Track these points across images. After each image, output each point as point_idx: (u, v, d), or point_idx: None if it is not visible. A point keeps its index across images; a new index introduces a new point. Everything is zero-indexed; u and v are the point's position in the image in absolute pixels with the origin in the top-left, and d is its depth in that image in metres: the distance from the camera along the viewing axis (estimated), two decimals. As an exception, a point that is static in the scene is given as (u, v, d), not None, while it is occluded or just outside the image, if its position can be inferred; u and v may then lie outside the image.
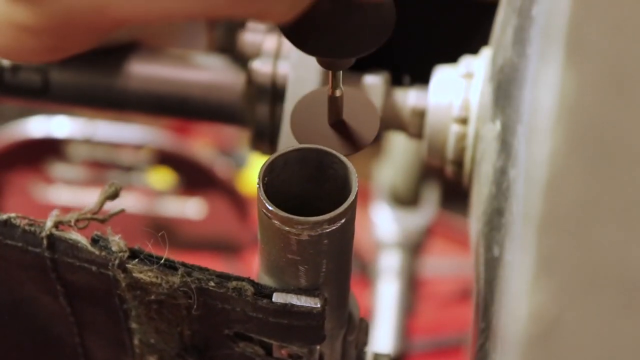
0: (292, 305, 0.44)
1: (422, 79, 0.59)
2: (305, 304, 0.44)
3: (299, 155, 0.44)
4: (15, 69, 0.59)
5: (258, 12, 0.44)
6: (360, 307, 0.50)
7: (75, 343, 0.51)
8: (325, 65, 0.45)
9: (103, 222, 0.46)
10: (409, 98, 0.59)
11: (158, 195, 1.18)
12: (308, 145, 0.44)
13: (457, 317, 1.20)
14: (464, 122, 0.57)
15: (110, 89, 0.59)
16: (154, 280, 0.44)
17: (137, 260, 0.44)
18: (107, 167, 1.16)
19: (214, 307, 0.45)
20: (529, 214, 0.37)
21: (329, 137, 0.46)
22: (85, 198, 1.15)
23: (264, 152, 0.61)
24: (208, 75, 0.60)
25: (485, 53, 0.57)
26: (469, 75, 0.57)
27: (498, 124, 0.50)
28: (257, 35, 0.60)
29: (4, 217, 0.45)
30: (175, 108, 0.60)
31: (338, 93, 0.46)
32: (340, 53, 0.44)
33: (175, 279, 0.44)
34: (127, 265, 0.44)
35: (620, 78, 0.35)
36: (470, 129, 0.56)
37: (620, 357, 0.37)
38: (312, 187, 0.45)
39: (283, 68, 0.59)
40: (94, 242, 0.44)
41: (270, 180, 0.43)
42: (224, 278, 0.44)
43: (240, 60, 0.60)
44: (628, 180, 0.36)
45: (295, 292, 0.44)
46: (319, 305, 0.44)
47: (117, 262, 0.44)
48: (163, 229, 1.23)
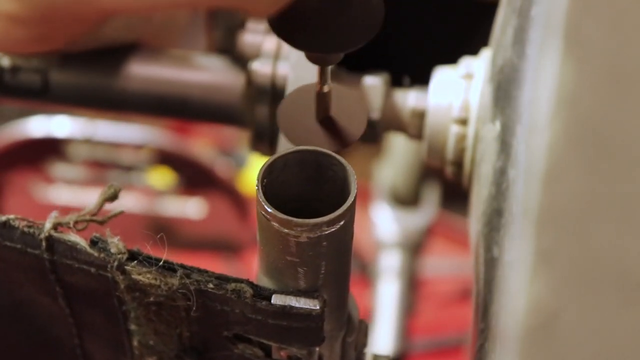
0: (291, 307, 0.43)
1: (422, 80, 0.59)
2: (305, 306, 0.44)
3: (298, 157, 0.44)
4: (15, 70, 0.59)
5: (242, 4, 0.44)
6: (361, 307, 0.50)
7: (74, 344, 0.51)
8: (314, 60, 0.45)
9: (102, 223, 0.46)
10: (409, 99, 0.59)
11: (158, 195, 1.18)
12: (307, 147, 0.44)
13: (457, 317, 1.20)
14: (464, 122, 0.57)
15: (110, 90, 0.59)
16: (153, 282, 0.44)
17: (136, 262, 0.44)
18: (107, 166, 1.16)
19: (213, 308, 0.45)
20: (527, 209, 0.37)
21: (317, 132, 0.46)
22: (86, 198, 1.15)
23: (264, 152, 0.61)
24: (208, 76, 0.60)
25: (485, 54, 0.57)
26: (469, 76, 0.57)
27: (498, 125, 0.50)
28: (256, 36, 0.60)
29: (3, 218, 0.45)
30: (175, 109, 0.60)
31: (326, 89, 0.46)
32: (329, 48, 0.44)
33: (174, 281, 0.44)
34: (126, 267, 0.44)
35: (618, 72, 0.35)
36: (470, 130, 0.56)
37: (618, 350, 0.37)
38: (311, 188, 0.45)
39: (283, 69, 0.59)
40: (93, 243, 0.44)
41: (270, 182, 0.43)
42: (223, 280, 0.44)
43: (240, 61, 0.60)
44: (626, 174, 0.36)
45: (295, 293, 0.44)
46: (318, 307, 0.43)
47: (116, 263, 0.44)
48: (163, 229, 1.23)
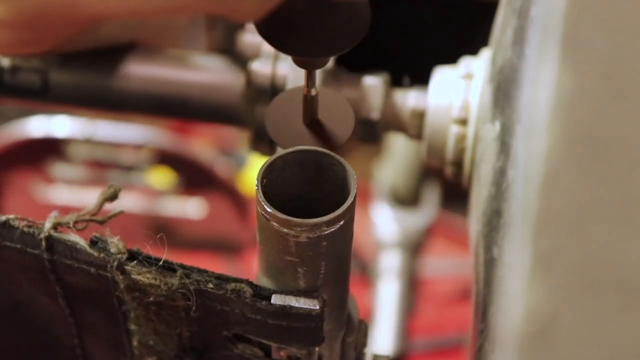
0: (290, 307, 0.43)
1: (421, 80, 0.59)
2: (304, 306, 0.44)
3: (298, 157, 0.44)
4: (15, 70, 0.59)
5: (227, 9, 0.44)
6: (361, 307, 0.50)
7: (74, 344, 0.51)
8: (301, 65, 0.45)
9: (102, 223, 0.46)
10: (409, 99, 0.59)
11: (158, 195, 1.18)
12: (307, 147, 0.44)
13: (457, 317, 1.20)
14: (464, 123, 0.56)
15: (110, 90, 0.59)
16: (153, 282, 0.44)
17: (135, 262, 0.44)
18: (107, 166, 1.16)
19: (213, 308, 0.45)
20: (526, 212, 0.37)
21: (304, 136, 0.46)
22: (86, 198, 1.15)
23: (264, 153, 0.61)
24: (207, 76, 0.60)
25: (485, 54, 0.57)
26: (469, 76, 0.57)
27: (497, 125, 0.50)
28: (256, 36, 0.60)
29: (3, 218, 0.45)
30: (175, 109, 0.60)
31: (313, 92, 0.46)
32: (315, 52, 0.44)
33: (174, 281, 0.44)
34: (125, 267, 0.44)
35: (616, 75, 0.35)
36: (470, 130, 0.56)
37: (616, 355, 0.37)
38: (311, 188, 0.45)
39: (282, 69, 0.59)
40: (93, 243, 0.44)
41: (269, 182, 0.43)
42: (223, 280, 0.44)
43: (240, 61, 0.60)
44: (624, 179, 0.36)
45: (294, 293, 0.44)
46: (318, 307, 0.43)
47: (115, 263, 0.44)
48: (163, 229, 1.23)
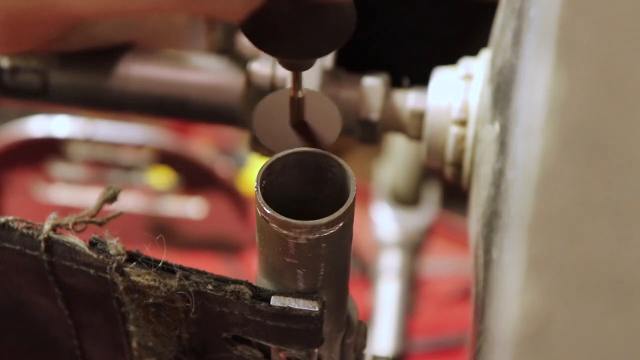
0: (290, 309, 0.43)
1: (421, 81, 0.59)
2: (304, 308, 0.44)
3: (297, 159, 0.44)
4: (14, 71, 0.59)
5: (209, 9, 0.44)
6: (361, 307, 0.50)
7: (73, 346, 0.51)
8: (287, 66, 0.45)
9: (101, 224, 0.46)
10: (408, 100, 0.59)
11: (158, 195, 1.18)
12: (306, 149, 0.44)
13: (457, 317, 1.20)
14: (463, 124, 0.56)
15: (109, 91, 0.59)
16: (152, 284, 0.44)
17: (134, 264, 0.44)
18: (107, 166, 1.16)
19: (212, 310, 0.45)
20: (522, 213, 0.37)
21: (291, 138, 0.46)
22: (86, 198, 1.15)
23: (263, 153, 0.61)
24: (207, 77, 0.59)
25: (485, 55, 0.57)
26: (468, 77, 0.57)
27: (497, 126, 0.50)
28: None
29: (2, 220, 0.45)
30: (174, 109, 0.60)
31: (300, 94, 0.46)
32: (301, 54, 0.44)
33: (173, 282, 0.44)
34: (124, 269, 0.44)
35: (611, 77, 0.35)
36: (470, 131, 0.56)
37: (611, 356, 0.37)
38: (310, 190, 0.45)
39: (282, 70, 0.58)
40: (92, 245, 0.44)
41: (269, 184, 0.43)
42: (222, 281, 0.44)
43: (239, 62, 0.60)
44: (619, 180, 0.36)
45: (294, 295, 0.44)
46: (317, 309, 0.43)
47: (114, 265, 0.44)
48: (163, 229, 1.23)
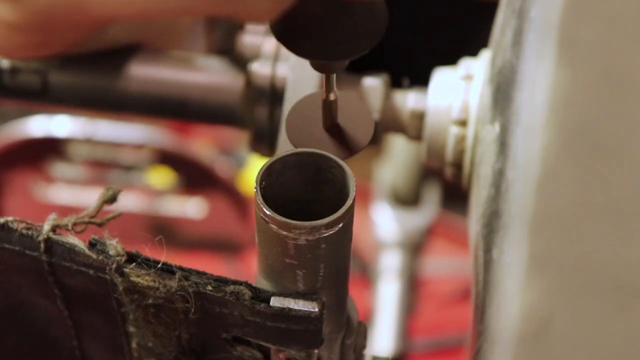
0: (289, 310, 0.43)
1: (421, 81, 0.59)
2: (303, 308, 0.43)
3: (297, 159, 0.44)
4: (14, 71, 0.59)
5: (240, 10, 0.44)
6: (361, 307, 0.50)
7: (73, 346, 0.51)
8: (319, 68, 0.45)
9: (100, 225, 0.46)
10: (409, 100, 0.59)
11: (158, 195, 1.18)
12: (306, 149, 0.44)
13: (457, 317, 1.20)
14: (463, 124, 0.56)
15: (109, 91, 0.59)
16: (152, 284, 0.44)
17: (134, 264, 0.44)
18: (107, 166, 1.16)
19: (212, 311, 0.45)
20: (522, 212, 0.37)
21: (324, 141, 0.46)
22: (86, 197, 1.15)
23: (263, 154, 0.61)
24: (207, 77, 0.59)
25: (485, 55, 0.57)
26: (469, 78, 0.57)
27: (497, 126, 0.50)
28: (256, 37, 0.60)
29: (2, 220, 0.45)
30: (175, 110, 0.60)
31: (332, 97, 0.46)
32: (333, 55, 0.44)
33: (173, 283, 0.44)
34: (124, 269, 0.44)
35: (612, 75, 0.35)
36: (470, 131, 0.56)
37: (611, 356, 0.37)
38: (310, 191, 0.45)
39: (282, 70, 0.58)
40: (92, 245, 0.44)
41: (268, 184, 0.43)
42: (222, 282, 0.44)
43: (240, 62, 0.60)
44: (620, 179, 0.35)
45: (293, 296, 0.44)
46: (317, 310, 0.43)
47: (114, 266, 0.44)
48: (163, 229, 1.23)
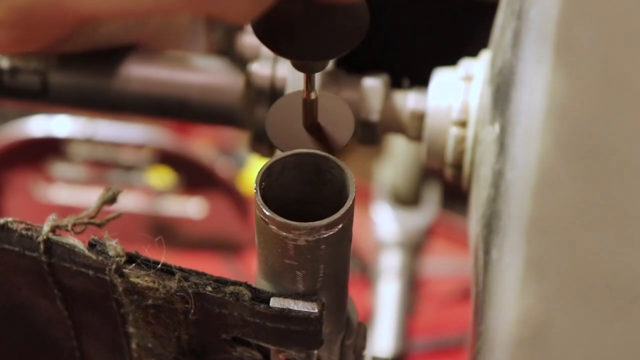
0: (289, 310, 0.43)
1: (421, 82, 0.59)
2: (303, 309, 0.43)
3: (297, 160, 0.44)
4: (14, 71, 0.59)
5: (220, 10, 0.44)
6: (361, 307, 0.50)
7: (73, 347, 0.51)
8: (300, 68, 0.45)
9: (100, 226, 0.46)
10: (408, 101, 0.59)
11: (158, 195, 1.18)
12: (305, 150, 0.44)
13: (457, 317, 1.20)
14: (463, 124, 0.56)
15: (109, 92, 0.59)
16: (151, 285, 0.44)
17: (134, 265, 0.44)
18: (107, 166, 1.16)
19: (212, 311, 0.45)
20: (519, 216, 0.37)
21: (304, 140, 0.46)
22: (86, 197, 1.16)
23: (263, 154, 0.61)
24: (207, 78, 0.59)
25: (485, 56, 0.57)
26: (469, 78, 0.57)
27: (497, 127, 0.50)
28: (256, 38, 0.60)
29: (1, 221, 0.45)
30: (174, 110, 0.60)
31: (313, 96, 0.46)
32: (313, 56, 0.44)
33: (172, 284, 0.44)
34: (124, 270, 0.44)
35: (610, 79, 0.35)
36: (470, 132, 0.56)
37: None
38: (310, 191, 0.45)
39: (282, 71, 0.58)
40: (91, 246, 0.44)
41: (268, 185, 0.43)
42: (221, 283, 0.44)
43: (239, 63, 0.60)
44: (616, 184, 0.35)
45: (293, 297, 0.44)
46: (317, 311, 0.43)
47: (114, 266, 0.44)
48: (163, 229, 1.23)
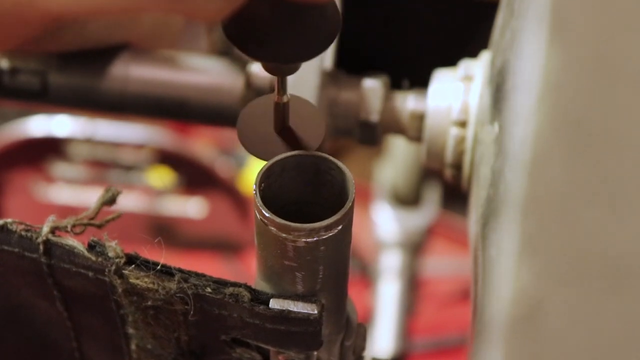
0: (289, 312, 0.43)
1: (421, 82, 0.59)
2: (303, 310, 0.43)
3: (296, 161, 0.44)
4: (14, 72, 0.59)
5: (189, 9, 0.44)
6: (361, 307, 0.50)
7: (72, 348, 0.51)
8: (270, 71, 0.44)
9: (100, 227, 0.46)
10: (408, 101, 0.59)
11: (158, 195, 1.18)
12: (305, 152, 0.44)
13: (457, 317, 1.20)
14: (463, 125, 0.56)
15: (109, 92, 0.59)
16: (151, 286, 0.44)
17: (133, 266, 0.44)
18: (107, 166, 1.16)
19: (211, 313, 0.45)
20: (513, 196, 0.37)
21: (275, 143, 0.46)
22: (86, 197, 1.16)
23: (263, 155, 0.61)
24: (207, 78, 0.59)
25: (485, 56, 0.57)
26: (468, 79, 0.57)
27: (496, 127, 0.50)
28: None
29: (1, 222, 0.45)
30: (174, 111, 0.60)
31: (284, 99, 0.45)
32: (284, 58, 0.43)
33: (172, 285, 0.44)
34: (123, 271, 0.44)
35: (605, 59, 0.35)
36: (469, 132, 0.56)
37: (604, 339, 0.36)
38: (309, 192, 0.45)
39: (281, 71, 0.58)
40: (91, 247, 0.44)
41: (267, 186, 0.43)
42: (221, 284, 0.44)
43: (239, 63, 0.60)
44: (612, 161, 0.35)
45: (293, 298, 0.44)
46: (316, 312, 0.43)
47: (113, 268, 0.44)
48: (163, 229, 1.23)
